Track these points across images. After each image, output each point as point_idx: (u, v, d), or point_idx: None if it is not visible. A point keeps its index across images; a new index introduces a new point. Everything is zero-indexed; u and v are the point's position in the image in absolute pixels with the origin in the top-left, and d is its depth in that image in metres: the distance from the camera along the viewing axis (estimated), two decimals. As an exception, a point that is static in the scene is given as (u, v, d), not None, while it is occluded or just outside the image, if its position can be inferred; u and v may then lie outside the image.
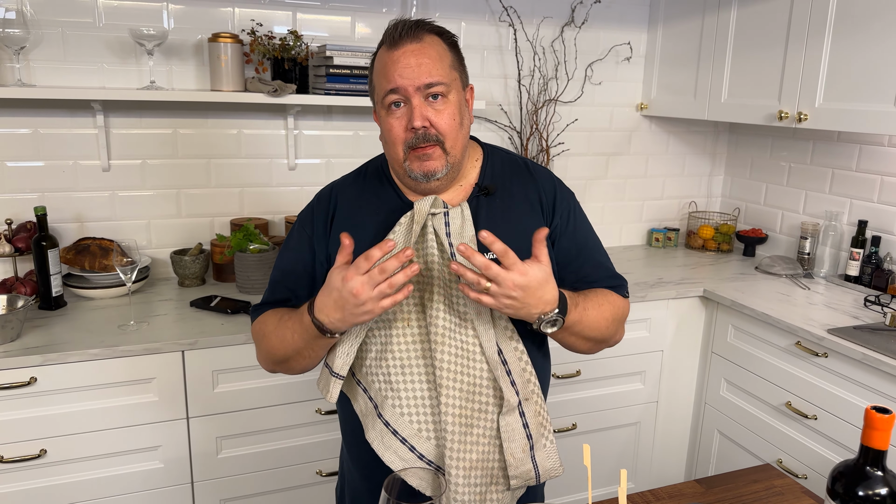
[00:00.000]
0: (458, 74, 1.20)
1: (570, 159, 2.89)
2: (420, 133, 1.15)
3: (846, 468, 0.95)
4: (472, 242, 1.18)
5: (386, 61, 1.15)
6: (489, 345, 1.17)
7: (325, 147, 2.52)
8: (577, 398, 2.41)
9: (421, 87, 1.13)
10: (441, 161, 1.17)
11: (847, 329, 2.02)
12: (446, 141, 1.16)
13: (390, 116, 1.17)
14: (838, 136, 2.61)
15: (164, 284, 2.33)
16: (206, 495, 1.99)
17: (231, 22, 2.30)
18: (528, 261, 1.06)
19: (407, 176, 1.20)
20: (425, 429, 1.18)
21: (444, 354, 1.16)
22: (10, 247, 2.09)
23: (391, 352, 1.19)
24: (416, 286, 1.19)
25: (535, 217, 1.26)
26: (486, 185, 1.25)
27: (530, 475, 1.22)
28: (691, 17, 2.68)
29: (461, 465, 1.16)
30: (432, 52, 1.15)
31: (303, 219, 1.31)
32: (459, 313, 1.17)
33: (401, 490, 0.78)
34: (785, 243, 2.86)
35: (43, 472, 1.80)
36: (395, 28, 1.16)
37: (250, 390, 1.96)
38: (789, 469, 2.14)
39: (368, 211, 1.25)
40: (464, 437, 1.17)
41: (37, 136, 2.17)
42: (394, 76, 1.13)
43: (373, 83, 1.20)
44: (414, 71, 1.13)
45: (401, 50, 1.14)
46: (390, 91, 1.14)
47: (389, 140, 1.18)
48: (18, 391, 1.73)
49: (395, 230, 1.18)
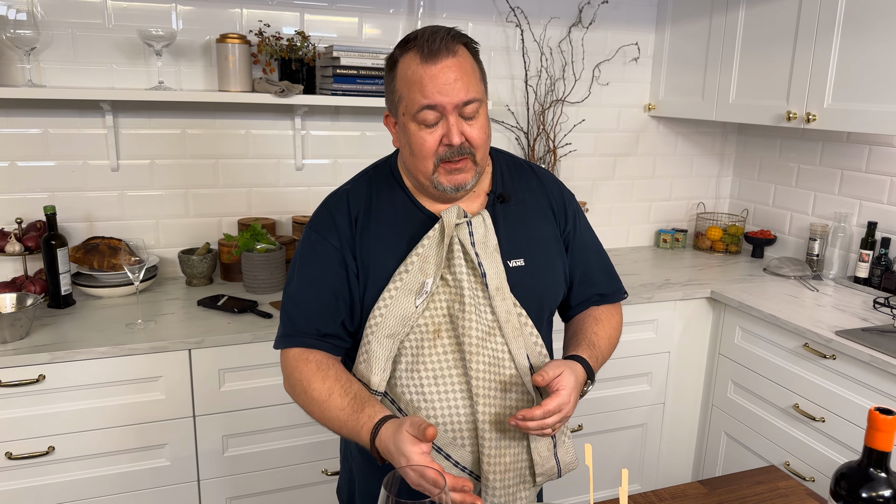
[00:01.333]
0: (484, 86, 1.19)
1: (578, 160, 2.88)
2: (455, 148, 1.14)
3: (849, 470, 0.94)
4: (495, 251, 1.19)
5: (422, 76, 1.11)
6: (519, 351, 1.20)
7: (332, 147, 2.53)
8: (583, 399, 2.39)
9: (459, 105, 1.12)
10: (471, 173, 1.18)
11: (855, 331, 2.00)
12: (477, 153, 1.17)
13: (422, 131, 1.14)
14: (847, 137, 2.59)
15: (172, 283, 2.34)
16: (213, 493, 2.00)
17: (239, 23, 2.32)
18: (553, 370, 1.12)
19: (432, 187, 1.18)
20: (460, 437, 1.19)
21: (480, 364, 1.17)
22: (20, 246, 2.11)
23: (423, 363, 1.18)
24: (444, 297, 1.19)
25: (548, 223, 1.29)
26: (502, 192, 1.26)
27: (553, 471, 1.26)
28: (699, 18, 2.67)
29: (497, 469, 1.19)
30: (467, 66, 1.13)
31: (323, 229, 1.23)
32: (488, 322, 1.19)
33: (400, 488, 0.78)
34: (794, 245, 2.85)
35: (51, 469, 1.82)
36: (431, 40, 1.11)
37: (256, 389, 1.97)
38: (797, 471, 2.13)
39: (387, 220, 1.23)
40: (499, 443, 1.19)
41: (47, 136, 2.19)
42: (433, 93, 1.10)
43: (398, 92, 1.16)
44: (453, 88, 1.11)
45: (439, 66, 1.10)
46: (427, 107, 1.12)
47: (419, 153, 1.16)
48: (27, 388, 1.75)
49: (424, 243, 1.18)
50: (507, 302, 1.19)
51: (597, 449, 2.46)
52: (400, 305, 1.17)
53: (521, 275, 1.23)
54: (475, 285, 1.18)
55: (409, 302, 1.17)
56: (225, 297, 2.14)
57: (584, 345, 1.26)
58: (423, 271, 1.18)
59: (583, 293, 1.35)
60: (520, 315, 1.21)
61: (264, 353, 1.95)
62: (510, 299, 1.20)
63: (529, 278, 1.24)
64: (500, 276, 1.19)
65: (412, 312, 1.17)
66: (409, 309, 1.17)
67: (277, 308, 2.09)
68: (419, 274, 1.18)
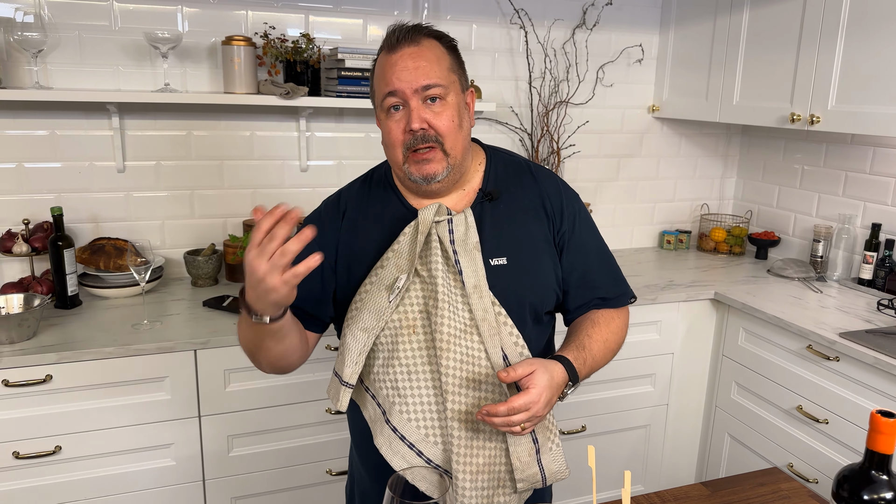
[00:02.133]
0: (456, 77, 1.20)
1: (581, 161, 2.89)
2: (419, 135, 1.15)
3: (851, 472, 0.94)
4: (475, 249, 1.18)
5: (384, 65, 1.16)
6: (494, 350, 1.18)
7: (336, 149, 2.54)
8: (587, 400, 2.41)
9: (419, 90, 1.13)
10: (441, 164, 1.17)
11: (859, 333, 2.01)
12: (446, 142, 1.17)
13: (389, 119, 1.17)
14: (851, 139, 2.59)
15: (178, 284, 2.36)
16: (218, 493, 2.01)
17: (244, 25, 2.33)
18: (523, 368, 1.09)
19: (407, 179, 1.20)
20: (432, 434, 1.19)
21: (450, 360, 1.16)
22: (28, 246, 2.12)
23: (398, 358, 1.19)
24: (421, 293, 1.19)
25: (539, 223, 1.27)
26: (490, 191, 1.25)
27: (536, 478, 1.23)
28: (703, 19, 2.67)
29: (468, 470, 1.17)
30: (430, 54, 1.15)
31: (310, 220, 1.30)
32: (463, 319, 1.18)
33: (405, 489, 0.79)
34: (798, 246, 2.85)
35: (57, 469, 1.83)
36: (393, 33, 1.16)
37: (261, 389, 1.98)
38: (800, 473, 2.13)
39: (373, 219, 1.25)
40: (470, 442, 1.18)
41: (54, 137, 2.21)
42: (392, 79, 1.14)
43: (373, 87, 1.21)
44: (411, 73, 1.13)
45: (398, 53, 1.14)
46: (388, 94, 1.15)
47: (389, 143, 1.18)
48: (34, 388, 1.76)
49: (400, 240, 1.20)
50: (484, 300, 1.18)
51: (600, 450, 2.46)
52: (374, 300, 1.19)
53: (502, 273, 1.22)
54: (451, 282, 1.18)
55: (382, 297, 1.18)
56: (230, 297, 2.15)
57: (572, 346, 1.23)
58: (397, 266, 1.19)
59: (582, 296, 1.31)
60: (498, 314, 1.19)
61: (269, 353, 1.95)
62: (488, 297, 1.18)
63: (511, 277, 1.22)
64: (478, 274, 1.18)
65: (385, 307, 1.18)
66: (383, 304, 1.18)
67: (282, 309, 2.10)
68: (394, 269, 1.19)
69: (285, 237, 0.95)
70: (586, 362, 1.22)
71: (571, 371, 1.17)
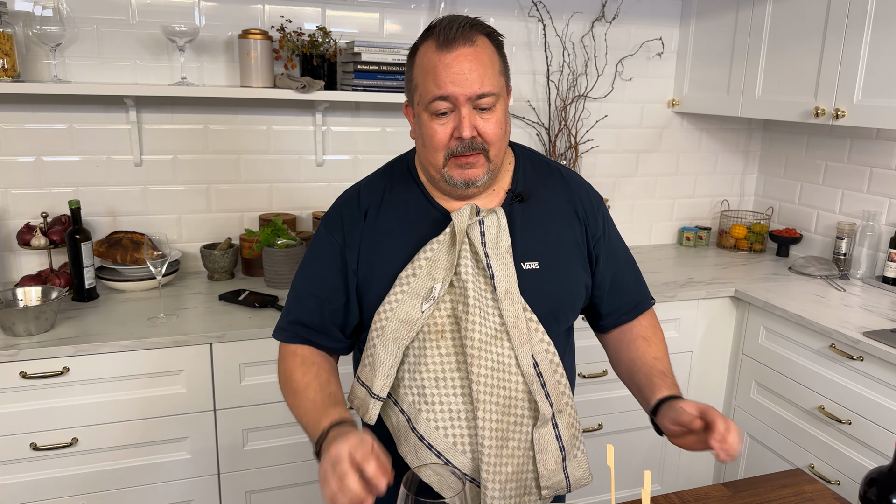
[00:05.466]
0: (504, 80, 1.16)
1: (600, 156, 2.86)
2: (466, 143, 1.11)
3: (879, 474, 0.92)
4: (507, 253, 1.15)
5: (436, 64, 1.09)
6: (525, 358, 1.15)
7: (352, 143, 2.53)
8: (604, 398, 2.38)
9: (472, 97, 1.09)
10: (483, 168, 1.14)
11: (884, 332, 1.96)
12: (491, 149, 1.13)
13: (434, 122, 1.11)
14: (877, 134, 2.53)
15: (194, 278, 2.36)
16: (232, 486, 2.01)
17: (261, 19, 2.32)
18: (698, 409, 1.09)
19: (443, 181, 1.16)
20: (460, 442, 1.15)
21: (481, 368, 1.12)
22: (46, 239, 2.14)
23: (425, 364, 1.15)
24: (449, 297, 1.15)
25: (569, 226, 1.24)
26: (520, 192, 1.22)
27: (561, 485, 1.21)
28: (725, 12, 2.63)
29: (497, 479, 1.14)
30: (485, 57, 1.10)
31: (330, 224, 1.24)
32: (494, 325, 1.14)
33: (420, 486, 0.77)
34: (820, 244, 2.79)
35: (74, 461, 1.84)
36: (449, 26, 1.09)
37: (276, 384, 1.94)
38: (821, 475, 2.09)
39: (397, 216, 1.21)
40: (500, 451, 1.14)
41: (72, 131, 2.22)
42: (445, 83, 1.08)
43: (414, 81, 1.14)
44: (467, 79, 1.08)
45: (453, 54, 1.08)
46: (439, 98, 1.09)
47: (430, 145, 1.13)
48: (52, 380, 1.77)
49: (434, 248, 1.15)
50: (515, 306, 1.14)
51: (617, 449, 2.44)
52: (405, 309, 1.14)
53: (534, 278, 1.18)
54: (483, 287, 1.14)
55: (414, 306, 1.14)
56: (246, 291, 2.15)
57: (658, 381, 1.21)
58: (431, 276, 1.14)
59: (612, 302, 1.30)
60: (529, 320, 1.16)
61: (284, 348, 1.95)
62: (519, 303, 1.15)
63: (543, 282, 1.19)
64: (511, 279, 1.14)
65: (417, 317, 1.13)
66: (415, 314, 1.13)
67: (297, 303, 2.10)
68: (427, 278, 1.14)
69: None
70: (675, 384, 1.22)
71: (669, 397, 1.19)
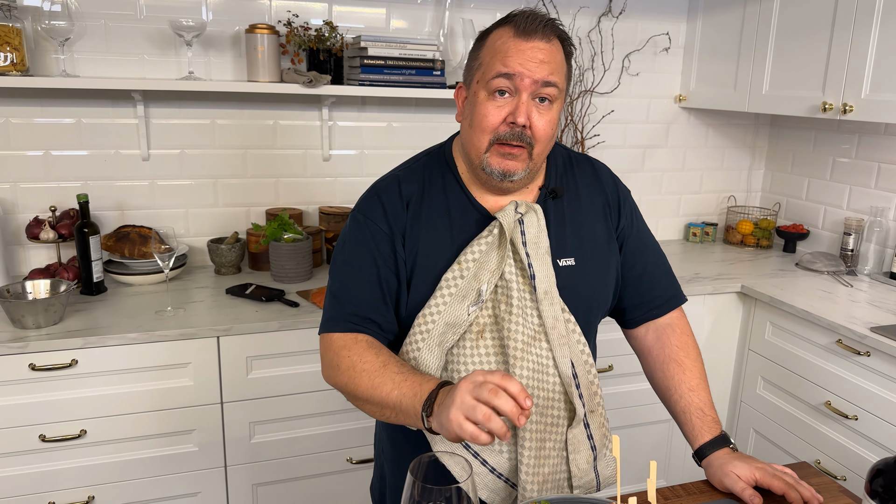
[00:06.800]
0: (566, 86, 1.16)
1: (606, 152, 2.85)
2: (517, 131, 1.09)
3: (886, 466, 0.92)
4: (546, 254, 1.15)
5: (510, 45, 1.08)
6: (563, 360, 1.14)
7: (359, 138, 2.54)
8: (609, 393, 2.38)
9: (538, 82, 1.08)
10: (523, 164, 1.12)
11: (891, 327, 1.96)
12: (536, 146, 1.12)
13: (490, 101, 1.10)
14: (885, 129, 2.52)
15: (201, 272, 2.37)
16: (239, 479, 2.02)
17: (268, 13, 2.33)
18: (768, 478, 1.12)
19: (481, 169, 1.14)
20: (498, 442, 1.14)
21: (524, 370, 1.12)
22: (54, 233, 2.15)
23: (464, 363, 1.13)
24: (491, 298, 1.14)
25: (602, 222, 1.24)
26: (555, 188, 1.21)
27: (592, 484, 1.21)
28: (732, 7, 2.62)
29: (536, 480, 1.14)
30: (558, 56, 1.11)
31: (370, 212, 1.18)
32: (533, 326, 1.14)
33: (426, 473, 0.78)
34: (827, 240, 2.79)
35: (82, 452, 1.85)
36: (531, 19, 1.09)
37: (283, 377, 1.99)
38: (827, 470, 2.09)
39: (437, 211, 1.18)
40: (539, 452, 1.14)
41: (80, 125, 2.23)
42: (514, 62, 1.07)
43: (480, 59, 1.12)
44: (537, 66, 1.08)
45: (530, 43, 1.08)
46: (503, 75, 1.08)
47: (479, 126, 1.11)
48: (60, 373, 1.79)
49: (482, 248, 1.13)
50: (554, 307, 1.14)
51: (622, 444, 2.44)
52: (452, 312, 1.12)
53: (570, 274, 1.18)
54: (523, 287, 1.14)
55: (461, 309, 1.12)
56: (253, 285, 2.16)
57: (698, 423, 1.22)
58: (477, 277, 1.13)
59: (640, 295, 1.29)
60: (567, 321, 1.16)
61: (291, 341, 1.96)
62: (558, 304, 1.14)
63: (579, 279, 1.18)
64: (550, 280, 1.14)
65: (464, 320, 1.12)
66: (462, 316, 1.12)
67: (304, 297, 2.11)
68: (473, 280, 1.13)
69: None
70: (715, 418, 1.23)
71: (725, 437, 1.21)
